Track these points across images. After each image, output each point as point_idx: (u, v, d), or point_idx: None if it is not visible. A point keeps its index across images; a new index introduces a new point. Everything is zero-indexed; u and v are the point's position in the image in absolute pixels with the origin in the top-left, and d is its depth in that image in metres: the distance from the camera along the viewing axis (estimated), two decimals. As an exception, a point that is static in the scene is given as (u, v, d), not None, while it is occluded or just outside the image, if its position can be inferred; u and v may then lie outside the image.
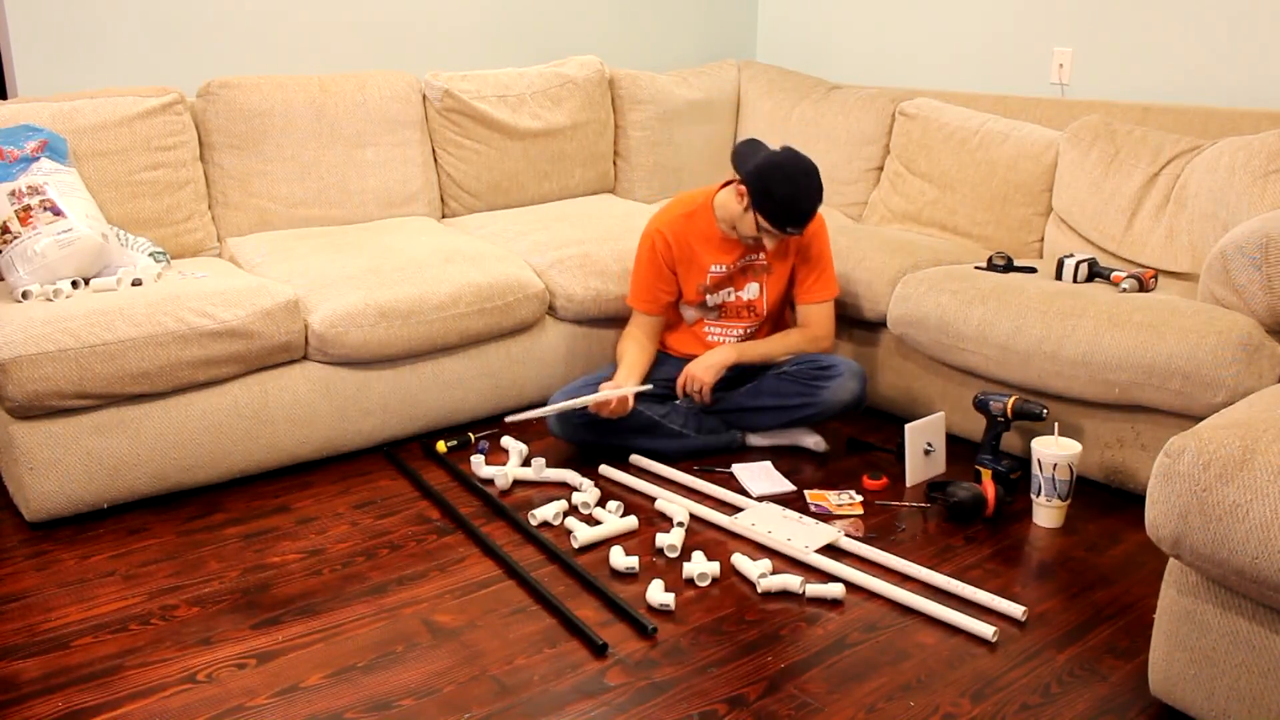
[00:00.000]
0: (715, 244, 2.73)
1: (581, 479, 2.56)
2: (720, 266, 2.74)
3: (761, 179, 2.52)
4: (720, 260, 2.74)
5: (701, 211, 2.73)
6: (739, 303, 2.79)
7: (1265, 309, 2.33)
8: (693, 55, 4.30)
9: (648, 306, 2.78)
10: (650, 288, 2.77)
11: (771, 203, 2.52)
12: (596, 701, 1.79)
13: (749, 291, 2.77)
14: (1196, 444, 1.56)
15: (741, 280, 2.77)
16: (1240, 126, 2.89)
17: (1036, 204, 3.16)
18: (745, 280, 2.77)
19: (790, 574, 2.14)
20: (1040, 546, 2.31)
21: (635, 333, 2.80)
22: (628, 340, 2.80)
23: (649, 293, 2.77)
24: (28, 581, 2.17)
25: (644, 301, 2.78)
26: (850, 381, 2.66)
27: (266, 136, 3.04)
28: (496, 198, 3.47)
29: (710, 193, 2.74)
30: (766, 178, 2.51)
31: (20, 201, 2.47)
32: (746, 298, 2.78)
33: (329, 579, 2.18)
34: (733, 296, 2.78)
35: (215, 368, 2.45)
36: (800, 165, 2.53)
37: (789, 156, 2.54)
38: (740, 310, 2.80)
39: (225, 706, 1.77)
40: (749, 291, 2.77)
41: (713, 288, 2.77)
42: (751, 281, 2.77)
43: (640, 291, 2.78)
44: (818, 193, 2.54)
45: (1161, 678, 1.71)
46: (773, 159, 2.53)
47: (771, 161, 2.53)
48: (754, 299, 2.78)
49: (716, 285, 2.77)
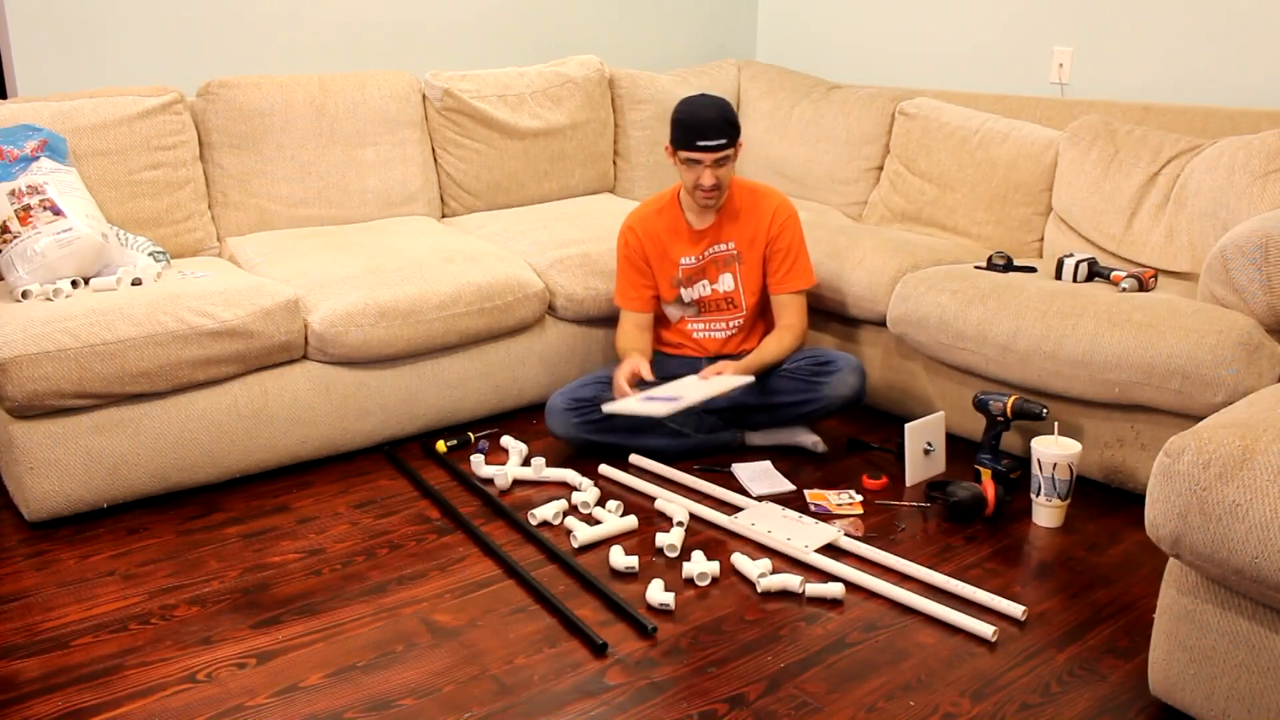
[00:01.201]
0: (683, 236, 2.77)
1: (581, 479, 2.56)
2: (690, 258, 2.77)
3: (671, 119, 2.64)
4: (689, 252, 2.77)
5: (669, 205, 2.79)
6: (716, 296, 2.80)
7: (1265, 309, 2.33)
8: (693, 55, 4.30)
9: (633, 303, 2.81)
10: (631, 284, 2.80)
11: (676, 128, 2.61)
12: (596, 701, 1.79)
13: (724, 283, 2.79)
14: (1196, 443, 1.56)
15: (714, 271, 2.78)
16: (1240, 126, 2.89)
17: (1036, 203, 3.16)
18: (718, 271, 2.78)
19: (790, 574, 2.14)
20: (1040, 546, 2.31)
21: (630, 329, 2.81)
22: (625, 337, 2.80)
23: (632, 289, 2.80)
24: (27, 581, 2.17)
25: (629, 299, 2.81)
26: (850, 376, 2.66)
27: (266, 136, 3.04)
28: (496, 197, 3.47)
29: (677, 187, 2.80)
30: (672, 114, 2.64)
31: (20, 201, 2.46)
32: (723, 290, 2.79)
33: (329, 579, 2.18)
34: (708, 290, 2.80)
35: (215, 367, 2.45)
36: (699, 94, 2.67)
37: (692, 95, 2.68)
38: (719, 303, 2.81)
39: (225, 706, 1.77)
40: (724, 283, 2.79)
41: (686, 281, 2.79)
42: (724, 273, 2.78)
43: (624, 289, 2.82)
44: (717, 106, 2.59)
45: (1161, 677, 1.71)
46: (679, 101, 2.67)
47: (677, 103, 2.66)
48: (730, 291, 2.79)
49: (689, 278, 2.79)
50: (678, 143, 2.61)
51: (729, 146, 2.59)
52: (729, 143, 2.58)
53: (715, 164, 2.59)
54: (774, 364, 2.71)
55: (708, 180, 2.61)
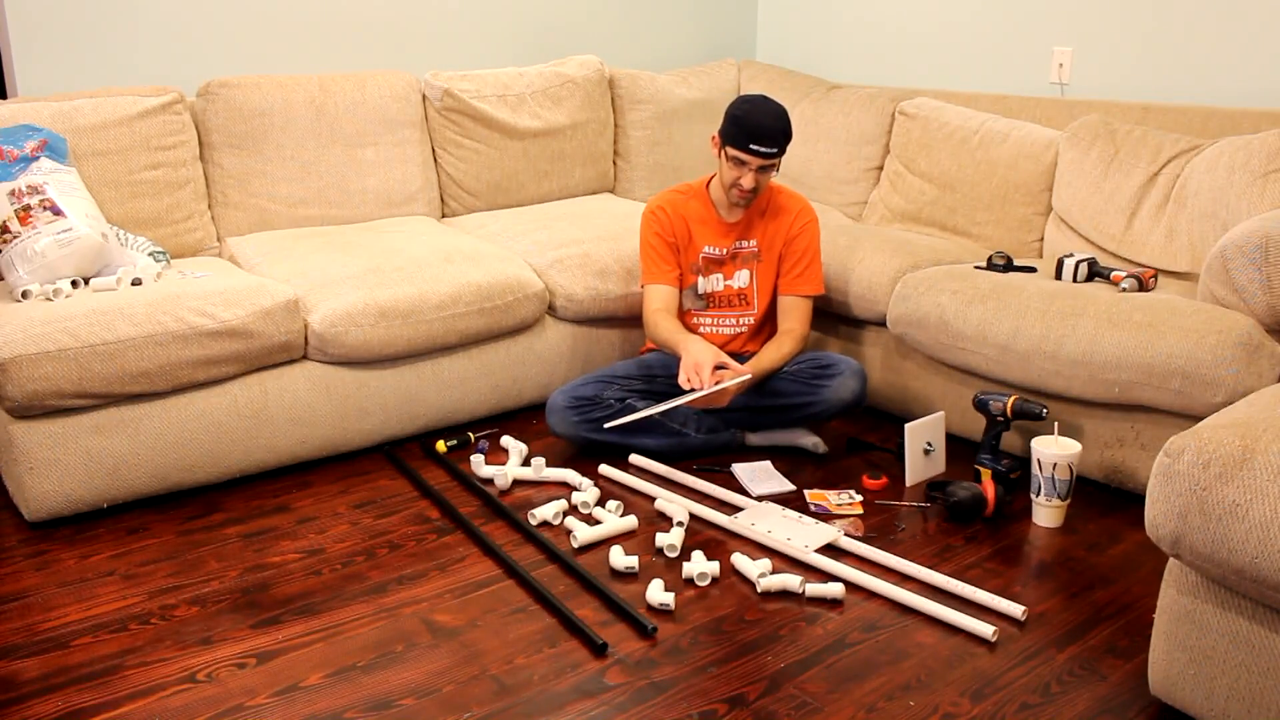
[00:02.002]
0: (711, 226, 2.79)
1: (581, 478, 2.56)
2: (714, 249, 2.78)
3: (727, 112, 2.65)
4: (716, 242, 2.78)
5: (698, 194, 2.81)
6: (730, 291, 2.81)
7: (1265, 309, 2.33)
8: (692, 55, 4.30)
9: (665, 276, 2.77)
10: (662, 258, 2.78)
11: (733, 124, 2.61)
12: (596, 701, 1.79)
13: (739, 279, 2.79)
14: (1196, 443, 1.56)
15: (732, 267, 2.79)
16: (1240, 126, 2.89)
17: (1036, 203, 3.16)
18: (735, 267, 2.79)
19: (790, 574, 2.14)
20: (1040, 546, 2.31)
21: (663, 311, 2.74)
22: (659, 317, 2.72)
23: (664, 263, 2.77)
24: (27, 581, 2.17)
25: (660, 273, 2.77)
26: (851, 380, 2.66)
27: (266, 136, 3.04)
28: (496, 197, 3.47)
29: (707, 178, 2.82)
30: (730, 108, 2.65)
31: (20, 201, 2.46)
32: (737, 285, 2.80)
33: (329, 579, 2.18)
34: (721, 285, 2.81)
35: (215, 367, 2.45)
36: (760, 96, 2.66)
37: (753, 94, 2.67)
38: (731, 299, 2.81)
39: (225, 706, 1.77)
40: (739, 279, 2.79)
41: (704, 269, 2.80)
42: (742, 269, 2.79)
43: (653, 266, 2.78)
44: (779, 115, 2.61)
45: (1161, 677, 1.71)
46: (739, 97, 2.69)
47: (736, 99, 2.68)
48: (744, 287, 2.80)
49: (708, 267, 2.79)
50: (731, 139, 2.61)
51: (778, 155, 2.62)
52: (779, 152, 2.62)
53: (761, 169, 2.62)
54: (773, 370, 2.70)
55: (749, 182, 2.64)
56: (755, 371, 2.65)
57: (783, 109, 2.63)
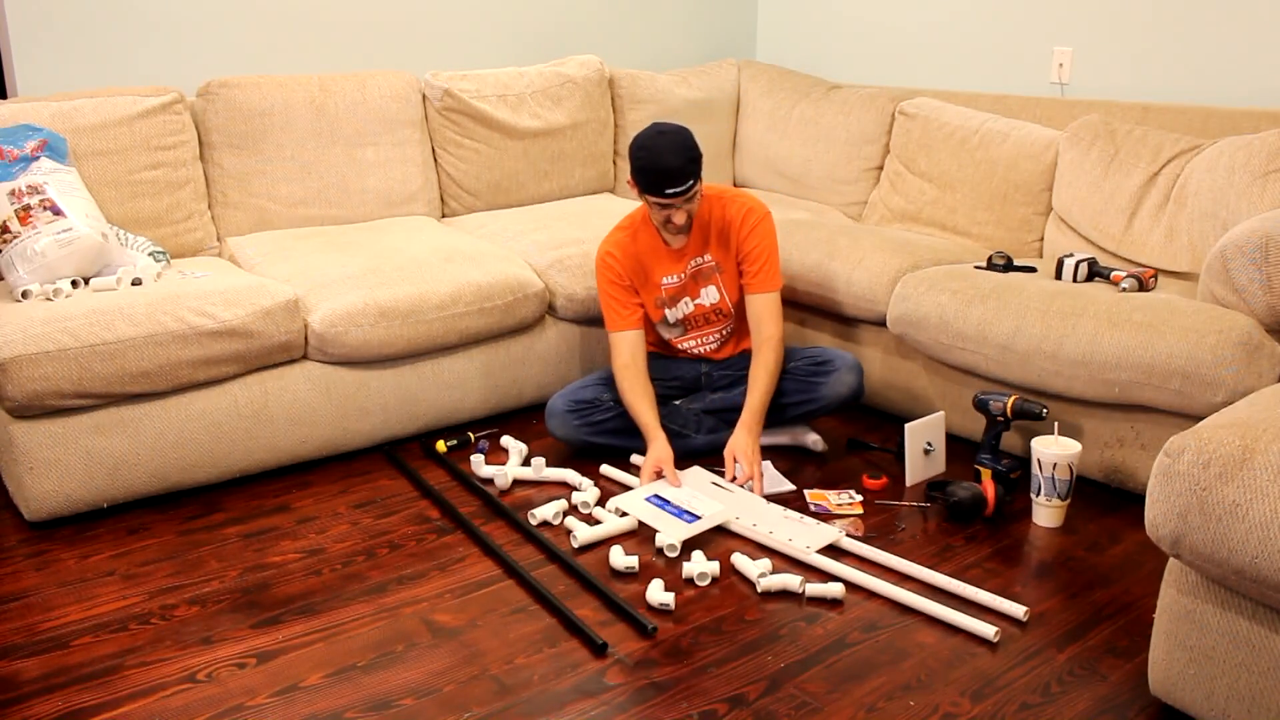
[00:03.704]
0: (663, 255, 2.68)
1: (581, 478, 2.56)
2: (672, 277, 2.69)
3: (630, 158, 2.51)
4: (671, 270, 2.68)
5: (642, 227, 2.69)
6: (702, 310, 2.73)
7: (1265, 308, 2.33)
8: (693, 55, 4.30)
9: (628, 322, 2.66)
10: (622, 304, 2.67)
11: (639, 174, 2.50)
12: (596, 701, 1.79)
13: (708, 296, 2.72)
14: (1196, 443, 1.56)
15: (696, 286, 2.71)
16: (1240, 126, 2.89)
17: (1036, 203, 3.16)
18: (700, 285, 2.71)
19: (790, 574, 2.14)
20: (1040, 546, 2.31)
21: (630, 367, 2.64)
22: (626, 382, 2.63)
23: (624, 309, 2.66)
24: (27, 581, 2.17)
25: (622, 320, 2.66)
26: (847, 375, 2.66)
27: (266, 136, 3.04)
28: (496, 197, 3.47)
29: (644, 208, 2.69)
30: (631, 155, 2.51)
31: (20, 201, 2.47)
32: (708, 303, 2.72)
33: (329, 578, 2.18)
34: (691, 306, 2.73)
35: (215, 367, 2.45)
36: (656, 128, 2.51)
37: (650, 126, 2.53)
38: (707, 315, 2.74)
39: (225, 706, 1.77)
40: (708, 296, 2.72)
41: (669, 300, 2.71)
42: (707, 284, 2.71)
43: (614, 314, 2.67)
44: (678, 148, 2.45)
45: (1161, 677, 1.71)
46: (635, 137, 2.53)
47: (634, 140, 2.52)
48: (716, 302, 2.73)
49: (672, 298, 2.71)
50: (644, 187, 2.49)
51: (695, 185, 2.50)
52: (695, 183, 2.49)
53: (685, 202, 2.52)
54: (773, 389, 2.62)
55: (679, 219, 2.53)
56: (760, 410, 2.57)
57: (681, 137, 2.48)
